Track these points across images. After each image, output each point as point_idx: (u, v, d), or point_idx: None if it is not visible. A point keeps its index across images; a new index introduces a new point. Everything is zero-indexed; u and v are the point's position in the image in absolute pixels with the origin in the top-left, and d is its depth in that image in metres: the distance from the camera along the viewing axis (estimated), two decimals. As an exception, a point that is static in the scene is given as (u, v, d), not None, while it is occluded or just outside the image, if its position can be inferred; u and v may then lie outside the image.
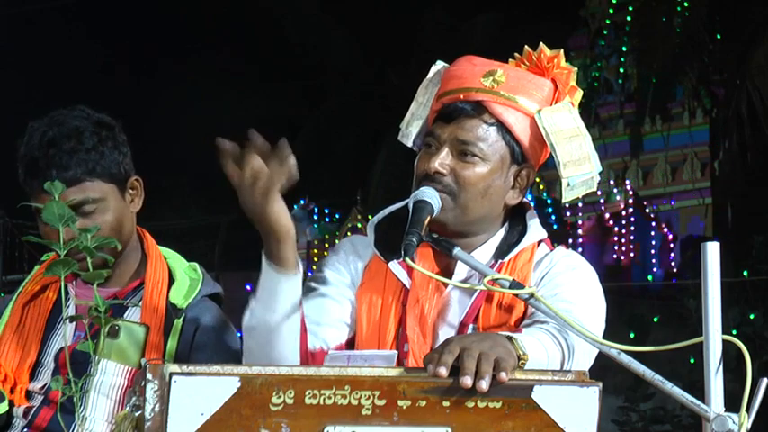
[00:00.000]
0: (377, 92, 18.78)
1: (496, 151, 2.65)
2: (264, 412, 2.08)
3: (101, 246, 2.46)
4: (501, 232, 2.71)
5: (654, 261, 18.14)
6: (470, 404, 2.13)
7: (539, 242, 2.72)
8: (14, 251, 13.59)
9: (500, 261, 2.65)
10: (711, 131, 17.72)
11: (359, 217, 19.26)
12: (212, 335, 2.95)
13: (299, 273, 2.48)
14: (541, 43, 2.73)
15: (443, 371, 2.14)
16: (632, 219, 18.41)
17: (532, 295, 2.49)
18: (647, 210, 18.70)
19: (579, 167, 2.65)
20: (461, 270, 2.65)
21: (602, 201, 19.03)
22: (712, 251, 2.31)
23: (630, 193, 18.90)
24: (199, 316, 2.95)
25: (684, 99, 18.20)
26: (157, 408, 2.06)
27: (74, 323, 2.86)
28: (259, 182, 2.34)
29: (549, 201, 18.15)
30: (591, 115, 18.25)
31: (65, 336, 2.87)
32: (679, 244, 18.27)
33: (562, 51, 2.72)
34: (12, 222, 13.41)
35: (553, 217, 17.98)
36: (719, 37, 16.14)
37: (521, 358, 2.26)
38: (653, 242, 18.31)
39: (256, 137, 2.35)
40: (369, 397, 2.11)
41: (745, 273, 13.42)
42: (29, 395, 2.88)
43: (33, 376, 2.89)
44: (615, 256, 18.18)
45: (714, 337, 2.29)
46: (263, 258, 2.45)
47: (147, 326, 2.88)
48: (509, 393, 2.14)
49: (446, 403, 2.13)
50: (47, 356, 2.90)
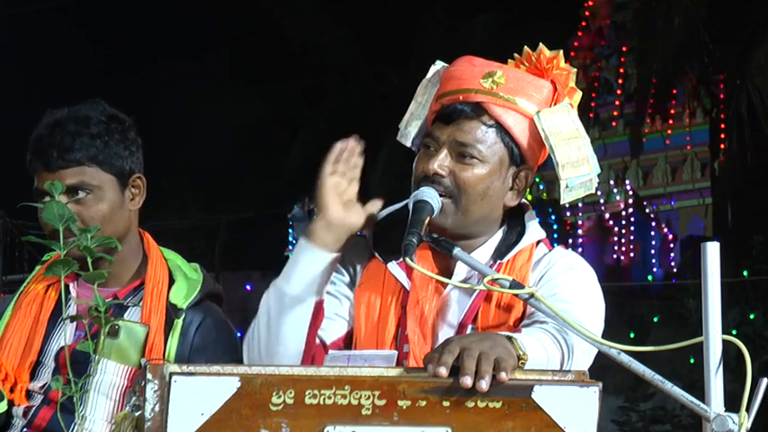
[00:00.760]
0: (377, 92, 18.77)
1: (495, 153, 2.65)
2: (264, 412, 2.08)
3: (101, 245, 2.47)
4: (499, 233, 2.71)
5: (654, 261, 18.14)
6: (470, 404, 2.13)
7: (537, 242, 2.72)
8: (14, 251, 13.58)
9: (498, 262, 2.66)
10: (711, 131, 17.71)
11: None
12: (212, 335, 2.95)
13: (328, 253, 2.56)
14: (541, 44, 2.72)
15: (443, 371, 2.14)
16: (632, 219, 18.42)
17: (532, 295, 2.49)
18: (647, 210, 18.70)
19: (578, 169, 2.65)
20: (461, 270, 2.65)
21: (602, 201, 19.03)
22: (712, 251, 2.31)
23: (630, 193, 18.90)
24: (199, 317, 2.95)
25: (684, 99, 18.19)
26: (157, 408, 2.07)
27: (74, 323, 2.86)
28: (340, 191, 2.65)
29: (550, 201, 18.15)
30: (591, 115, 18.25)
31: (65, 336, 2.87)
32: (679, 244, 18.27)
33: (561, 52, 2.71)
34: (12, 222, 13.41)
35: (553, 217, 17.98)
36: (719, 37, 16.14)
37: (520, 358, 2.26)
38: (653, 242, 18.31)
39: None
40: (369, 397, 2.11)
41: (745, 273, 13.42)
42: (29, 395, 2.88)
43: (34, 376, 2.89)
44: (615, 256, 18.18)
45: (714, 337, 2.29)
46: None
47: (148, 326, 2.88)
48: (509, 393, 2.14)
49: (446, 403, 2.13)
50: (47, 356, 2.90)
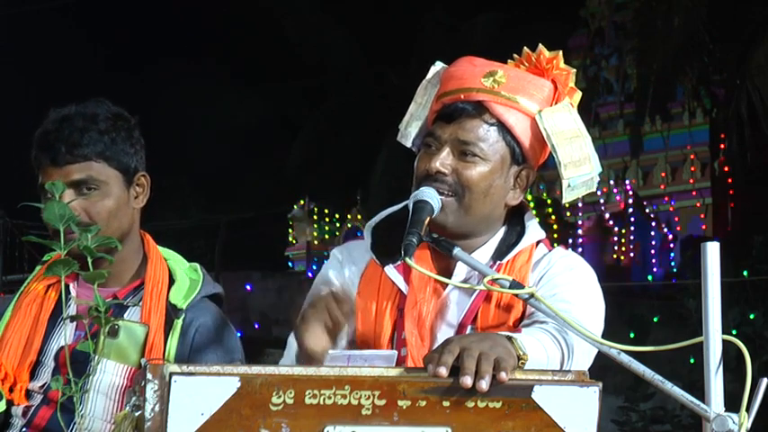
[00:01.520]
0: (377, 92, 18.77)
1: (497, 151, 2.65)
2: (264, 412, 2.08)
3: (101, 245, 2.47)
4: (499, 234, 2.71)
5: (654, 261, 18.14)
6: (470, 404, 2.13)
7: (537, 243, 2.72)
8: (14, 251, 13.59)
9: (498, 262, 2.66)
10: (711, 131, 17.72)
11: (359, 217, 19.26)
12: (212, 335, 2.95)
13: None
14: (540, 44, 2.72)
15: (443, 371, 2.14)
16: (632, 219, 18.41)
17: (532, 295, 2.49)
18: (647, 210, 18.69)
19: (579, 168, 2.65)
20: (460, 271, 2.65)
21: (602, 201, 19.04)
22: (712, 251, 2.31)
23: (630, 193, 18.90)
24: (199, 317, 2.95)
25: (684, 99, 18.19)
26: (157, 408, 2.06)
27: (74, 323, 2.86)
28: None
29: (550, 201, 18.15)
30: (591, 115, 18.25)
31: (65, 335, 2.87)
32: (679, 244, 18.26)
33: (561, 53, 2.72)
34: (12, 222, 13.41)
35: (553, 217, 17.98)
36: (719, 37, 16.13)
37: (520, 358, 2.26)
38: (653, 242, 18.30)
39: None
40: (369, 397, 2.11)
41: (745, 273, 13.40)
42: (28, 394, 2.88)
43: (33, 375, 2.89)
44: (615, 256, 18.18)
45: (714, 337, 2.29)
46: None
47: (147, 326, 2.88)
48: (509, 393, 2.14)
49: (446, 403, 2.13)
50: (47, 356, 2.90)
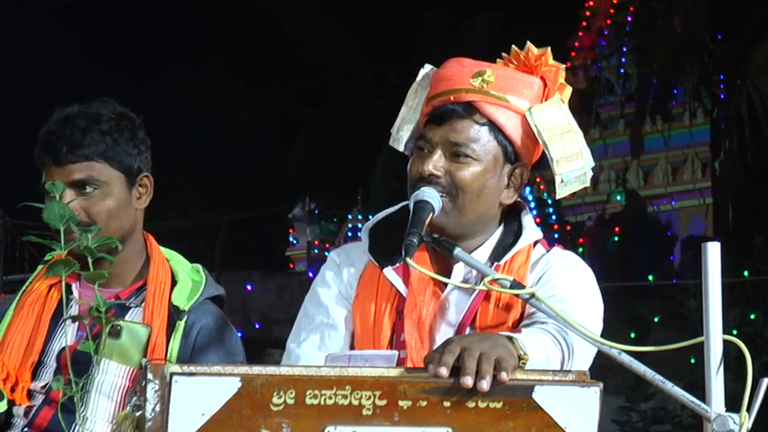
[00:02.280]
0: (377, 92, 18.77)
1: (489, 151, 2.65)
2: (265, 412, 2.08)
3: (102, 246, 2.47)
4: (496, 234, 2.71)
5: (654, 261, 18.13)
6: (471, 404, 2.13)
7: (535, 243, 2.72)
8: (15, 251, 13.59)
9: (496, 263, 2.65)
10: (712, 131, 17.71)
11: (359, 217, 19.26)
12: (214, 337, 2.96)
13: None
14: (528, 42, 2.72)
15: (444, 371, 2.14)
16: (633, 219, 18.40)
17: (533, 295, 2.49)
18: (648, 210, 18.69)
19: (572, 163, 2.66)
20: (458, 272, 2.65)
21: (602, 201, 19.04)
22: (713, 251, 2.31)
23: (631, 194, 18.90)
24: (201, 318, 2.95)
25: (685, 99, 18.20)
26: (158, 408, 2.06)
27: (76, 323, 2.86)
28: None
29: (550, 201, 18.15)
30: (591, 115, 18.26)
31: (66, 336, 2.87)
32: (680, 244, 18.26)
33: (549, 49, 2.72)
34: (12, 222, 13.41)
35: (554, 217, 17.98)
36: (720, 37, 16.14)
37: (521, 358, 2.26)
38: (653, 242, 18.30)
39: None
40: (369, 397, 2.11)
41: (745, 273, 13.40)
42: (30, 394, 2.88)
43: (35, 375, 2.90)
44: (615, 257, 18.17)
45: (715, 337, 2.29)
46: None
47: (150, 327, 2.88)
48: (510, 393, 2.14)
49: (447, 403, 2.13)
50: (49, 356, 2.90)
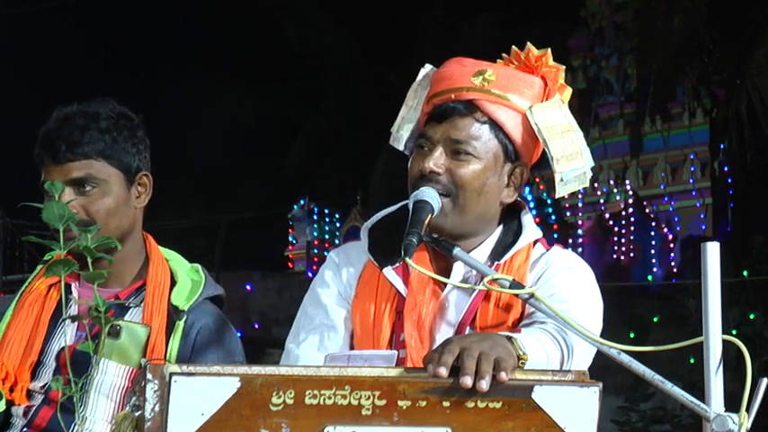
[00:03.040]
0: (377, 92, 18.77)
1: (490, 149, 2.65)
2: (264, 412, 2.08)
3: (101, 245, 2.47)
4: (496, 234, 2.71)
5: (654, 261, 18.14)
6: (470, 404, 2.13)
7: (534, 242, 2.72)
8: (14, 251, 13.59)
9: (496, 262, 2.65)
10: (711, 131, 17.70)
11: (359, 217, 19.26)
12: (213, 337, 2.96)
13: None
14: (528, 43, 2.72)
15: (443, 371, 2.14)
16: (632, 219, 18.41)
17: (532, 295, 2.49)
18: (647, 210, 18.69)
19: (572, 162, 2.66)
20: (458, 272, 2.65)
21: (601, 201, 19.04)
22: (712, 251, 2.31)
23: (630, 193, 18.90)
24: (200, 318, 2.95)
25: (684, 99, 18.19)
26: (157, 408, 2.06)
27: (75, 323, 2.86)
28: None
29: (550, 201, 18.15)
30: (591, 115, 18.26)
31: (65, 336, 2.87)
32: (679, 244, 18.26)
33: (549, 51, 2.72)
34: (12, 222, 13.41)
35: (553, 217, 17.98)
36: (719, 37, 16.14)
37: (520, 358, 2.26)
38: (653, 242, 18.30)
39: None
40: (369, 397, 2.11)
41: (745, 273, 13.40)
42: (29, 394, 2.88)
43: (35, 375, 2.90)
44: (615, 257, 18.17)
45: (714, 337, 2.29)
46: None
47: (149, 327, 2.88)
48: (509, 393, 2.14)
49: (446, 403, 2.13)
50: (48, 356, 2.90)
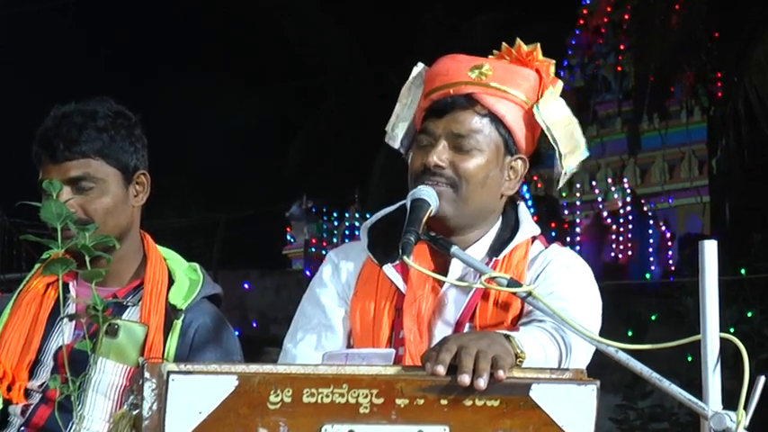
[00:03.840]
0: (377, 92, 18.77)
1: (491, 141, 2.67)
2: (262, 411, 2.08)
3: (99, 244, 2.47)
4: (495, 229, 2.72)
5: (652, 259, 18.14)
6: (468, 402, 2.13)
7: (533, 239, 2.73)
8: (12, 250, 13.60)
9: (494, 258, 2.66)
10: (709, 129, 17.70)
11: (357, 216, 19.26)
12: (211, 336, 2.96)
13: None
14: (518, 39, 2.74)
15: (441, 369, 2.14)
16: (630, 217, 18.41)
17: (530, 293, 2.49)
18: (645, 208, 18.69)
19: (575, 154, 2.70)
20: (456, 268, 2.65)
21: (599, 199, 19.03)
22: (710, 249, 2.31)
23: (628, 192, 18.90)
24: (198, 317, 2.96)
25: (682, 97, 18.18)
26: (155, 406, 2.06)
27: (73, 322, 2.86)
28: None
29: (547, 199, 18.14)
30: (589, 113, 18.25)
31: (63, 335, 2.87)
32: (677, 242, 18.25)
33: (539, 45, 2.73)
34: (9, 221, 13.42)
35: (551, 215, 17.97)
36: (718, 35, 16.13)
37: (518, 356, 2.26)
38: (651, 240, 18.30)
39: None
40: (367, 395, 2.11)
41: (742, 271, 13.40)
42: (27, 393, 2.88)
43: (32, 374, 2.90)
44: (613, 255, 18.17)
45: (712, 335, 2.29)
46: None
47: (147, 325, 2.88)
48: (507, 392, 2.14)
49: (444, 401, 2.13)
50: (46, 355, 2.90)
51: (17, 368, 2.88)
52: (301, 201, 19.97)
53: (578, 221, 18.77)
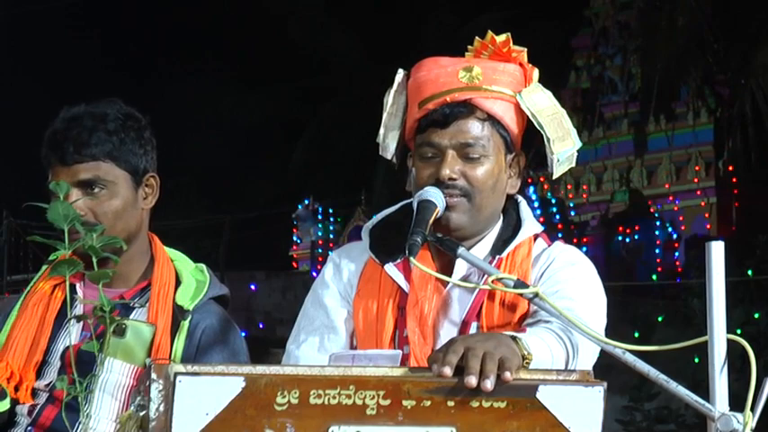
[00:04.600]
0: (381, 92, 18.78)
1: (495, 145, 2.68)
2: (269, 412, 2.08)
3: (106, 245, 2.47)
4: (497, 228, 2.73)
5: (658, 260, 18.13)
6: (475, 404, 2.13)
7: (535, 237, 2.73)
8: (19, 251, 13.62)
9: (498, 257, 2.66)
10: (716, 131, 17.71)
11: (362, 217, 19.26)
12: (218, 337, 2.96)
13: None
14: (489, 31, 2.73)
15: (448, 370, 2.14)
16: (636, 218, 18.40)
17: (537, 294, 2.49)
18: (652, 209, 18.69)
19: (564, 143, 2.70)
20: (460, 268, 2.65)
21: (606, 200, 19.03)
22: (717, 250, 2.31)
23: (635, 193, 18.89)
24: (205, 318, 2.95)
25: (689, 98, 18.19)
26: (162, 408, 2.06)
27: (80, 323, 2.86)
28: None
29: (554, 200, 18.14)
30: (595, 115, 18.25)
31: (70, 335, 2.87)
32: (683, 243, 18.25)
33: (509, 34, 2.72)
34: (16, 222, 13.44)
35: (557, 216, 17.97)
36: (724, 36, 16.14)
37: (525, 358, 2.26)
38: (657, 242, 18.29)
39: None
40: (373, 397, 2.11)
41: (749, 272, 13.40)
42: (34, 393, 2.88)
43: (40, 375, 2.90)
44: (619, 256, 18.16)
45: (719, 337, 2.29)
46: None
47: (154, 326, 2.88)
48: (514, 393, 2.14)
49: (451, 403, 2.13)
50: (53, 355, 2.90)
51: (24, 368, 2.88)
52: (308, 202, 19.98)
53: (585, 222, 18.77)
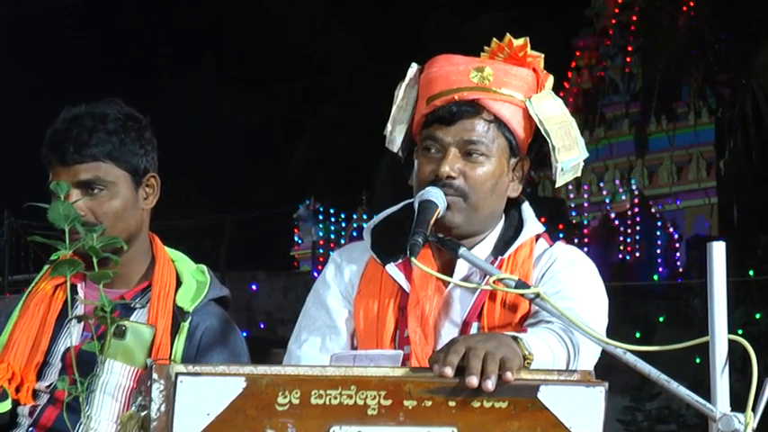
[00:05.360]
0: (381, 92, 18.78)
1: (498, 147, 2.67)
2: (270, 412, 2.08)
3: (107, 246, 2.47)
4: (498, 228, 2.73)
5: (659, 261, 18.13)
6: (476, 404, 2.13)
7: (537, 237, 2.73)
8: (20, 251, 13.63)
9: (500, 258, 2.66)
10: (717, 131, 17.71)
11: (364, 217, 19.26)
12: (219, 338, 2.95)
13: None
14: (508, 34, 2.73)
15: (449, 371, 2.14)
16: (638, 218, 18.40)
17: (538, 295, 2.49)
18: (653, 209, 18.69)
19: (570, 152, 2.69)
20: (462, 268, 2.65)
21: (607, 200, 19.03)
22: (718, 251, 2.31)
23: (636, 193, 18.90)
24: (205, 320, 2.95)
25: (690, 99, 18.19)
26: (163, 408, 2.06)
27: (81, 323, 2.86)
28: None
29: (556, 200, 18.13)
30: (597, 115, 18.25)
31: (71, 336, 2.87)
32: (684, 243, 18.25)
33: (528, 39, 2.72)
34: (17, 223, 13.44)
35: (559, 217, 17.97)
36: (725, 36, 16.14)
37: (526, 358, 2.26)
38: (658, 242, 18.30)
39: None
40: (375, 397, 2.11)
41: (750, 272, 13.40)
42: (35, 394, 2.88)
43: (41, 376, 2.90)
44: (621, 256, 18.17)
45: (720, 337, 2.29)
46: None
47: (154, 327, 2.88)
48: (515, 393, 2.14)
49: (452, 403, 2.13)
50: (54, 356, 2.90)
51: (25, 369, 2.88)
52: (309, 202, 19.98)
53: (586, 223, 18.77)
